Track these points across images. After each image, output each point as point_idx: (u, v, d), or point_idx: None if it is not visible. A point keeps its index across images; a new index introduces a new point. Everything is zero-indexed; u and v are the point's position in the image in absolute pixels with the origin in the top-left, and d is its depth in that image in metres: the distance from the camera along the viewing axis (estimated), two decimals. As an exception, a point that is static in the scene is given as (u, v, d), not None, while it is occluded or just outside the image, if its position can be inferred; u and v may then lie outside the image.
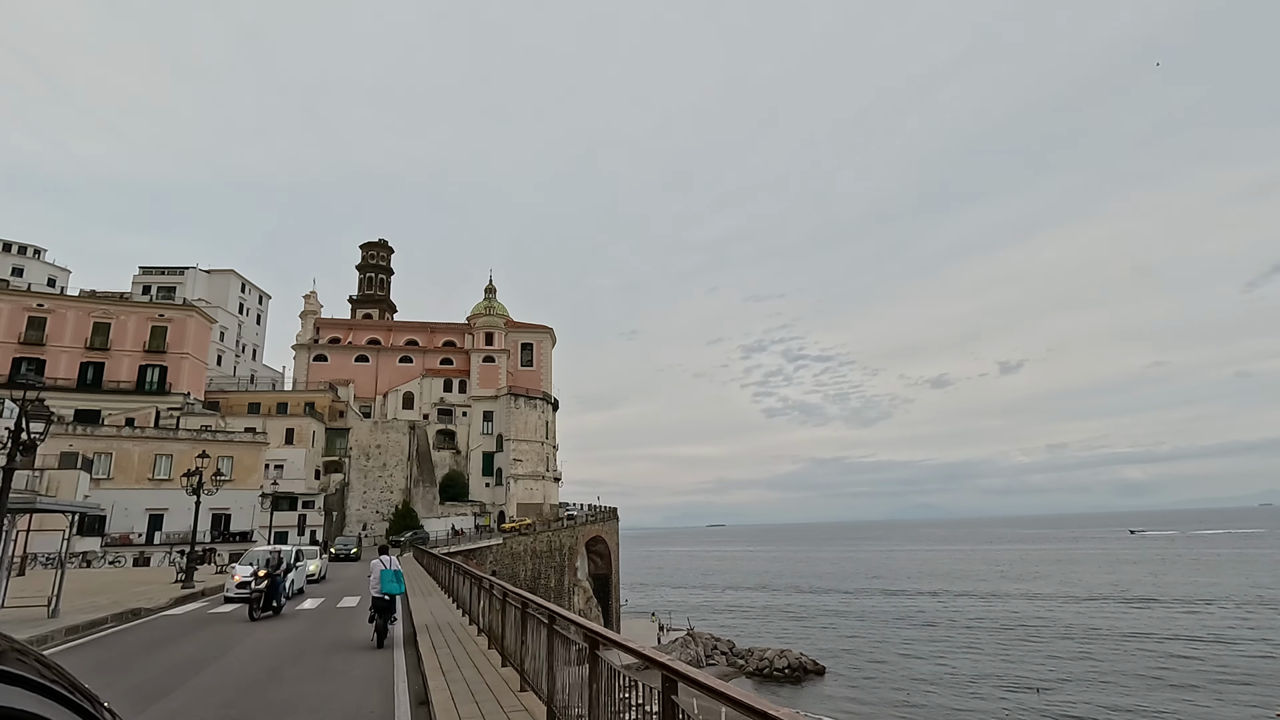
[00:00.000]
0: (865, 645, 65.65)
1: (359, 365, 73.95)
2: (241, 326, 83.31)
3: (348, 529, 62.62)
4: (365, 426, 68.52)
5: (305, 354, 72.87)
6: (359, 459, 67.07)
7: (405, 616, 16.67)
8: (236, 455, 52.21)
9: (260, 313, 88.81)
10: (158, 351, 59.67)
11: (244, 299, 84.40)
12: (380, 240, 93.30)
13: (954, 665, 53.49)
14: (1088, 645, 55.98)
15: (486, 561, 56.75)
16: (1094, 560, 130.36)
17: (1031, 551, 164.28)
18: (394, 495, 66.87)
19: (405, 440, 68.74)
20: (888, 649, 63.44)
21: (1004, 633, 63.11)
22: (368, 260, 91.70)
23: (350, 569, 38.93)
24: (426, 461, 68.29)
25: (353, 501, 65.61)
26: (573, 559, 66.71)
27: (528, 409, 72.87)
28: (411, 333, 79.20)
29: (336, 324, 79.11)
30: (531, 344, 79.66)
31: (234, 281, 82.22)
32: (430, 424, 71.51)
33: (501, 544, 58.27)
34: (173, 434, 51.13)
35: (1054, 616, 69.45)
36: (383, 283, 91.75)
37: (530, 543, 61.62)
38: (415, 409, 72.66)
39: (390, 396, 72.34)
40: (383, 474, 67.25)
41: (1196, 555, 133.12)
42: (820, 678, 58.21)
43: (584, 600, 67.34)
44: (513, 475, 69.39)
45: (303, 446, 60.90)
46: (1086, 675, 48.34)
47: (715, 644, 68.82)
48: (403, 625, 15.35)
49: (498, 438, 71.87)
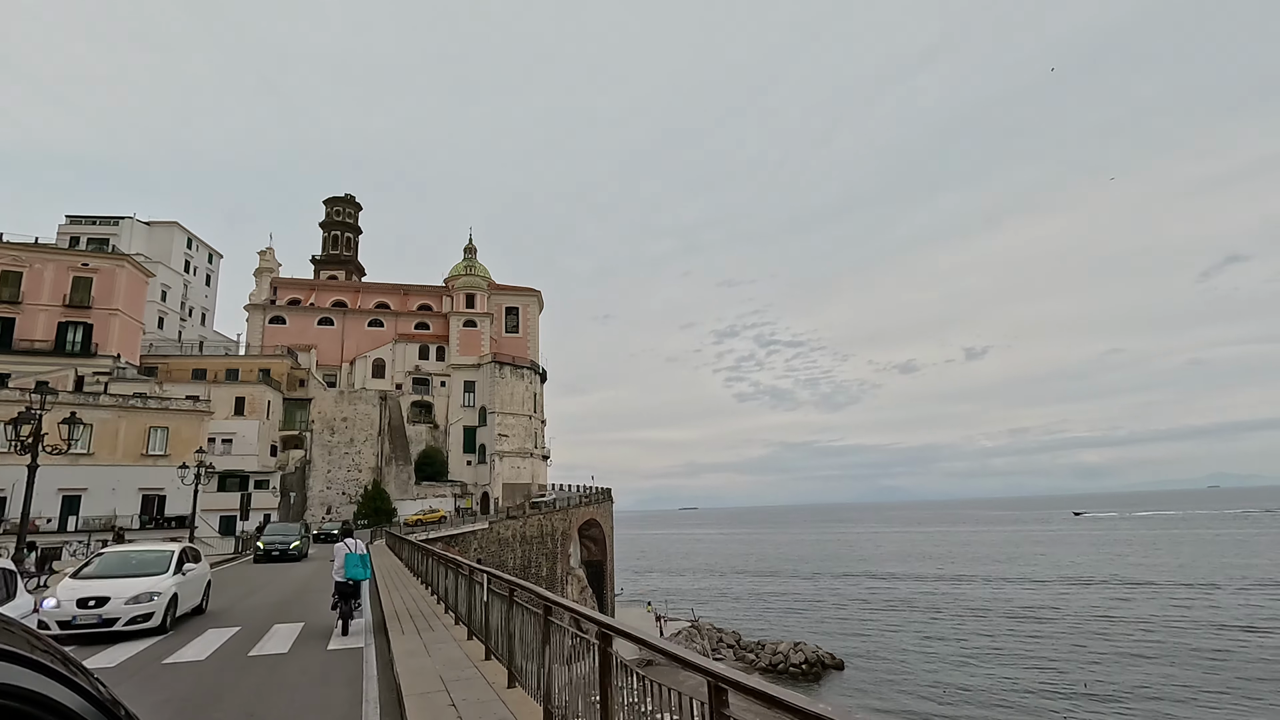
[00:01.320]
0: (877, 635, 61.45)
1: (322, 329, 65.61)
2: (188, 288, 73.99)
3: (309, 512, 54.93)
4: (330, 397, 60.50)
5: (260, 315, 64.28)
6: (322, 433, 59.16)
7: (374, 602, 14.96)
8: (173, 426, 44.09)
9: (210, 273, 79.37)
10: (81, 307, 50.82)
11: (191, 256, 74.95)
12: (347, 195, 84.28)
13: (979, 656, 49.65)
14: (1105, 631, 52.63)
15: (470, 549, 50.04)
16: (1058, 542, 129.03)
17: (1000, 533, 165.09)
18: (362, 474, 59.22)
19: (375, 413, 60.96)
20: (903, 639, 59.32)
21: (1016, 620, 59.29)
22: (333, 217, 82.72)
23: (290, 573, 25.68)
24: (400, 437, 60.62)
25: (315, 481, 57.79)
26: (565, 545, 60.04)
27: (514, 379, 65.52)
28: (382, 295, 70.96)
29: (297, 284, 70.47)
30: (517, 308, 72.07)
31: (178, 236, 72.71)
32: (404, 395, 63.71)
33: (488, 529, 51.49)
34: (93, 400, 42.73)
35: (1057, 603, 65.73)
36: (349, 242, 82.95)
37: (520, 527, 54.89)
38: (387, 378, 64.72)
39: (358, 364, 64.26)
40: (350, 450, 59.48)
41: (1130, 537, 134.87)
42: (840, 673, 53.86)
43: (578, 590, 60.78)
44: (498, 452, 62.16)
45: (255, 418, 52.81)
46: (1120, 662, 45.53)
47: (720, 636, 63.15)
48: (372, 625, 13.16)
49: (480, 410, 64.46)
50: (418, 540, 28.97)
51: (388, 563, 26.08)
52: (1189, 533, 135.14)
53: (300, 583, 22.48)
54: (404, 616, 12.82)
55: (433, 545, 24.75)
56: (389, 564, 25.69)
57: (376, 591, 16.50)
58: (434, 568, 16.40)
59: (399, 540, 31.29)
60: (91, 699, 0.96)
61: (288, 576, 24.68)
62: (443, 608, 13.95)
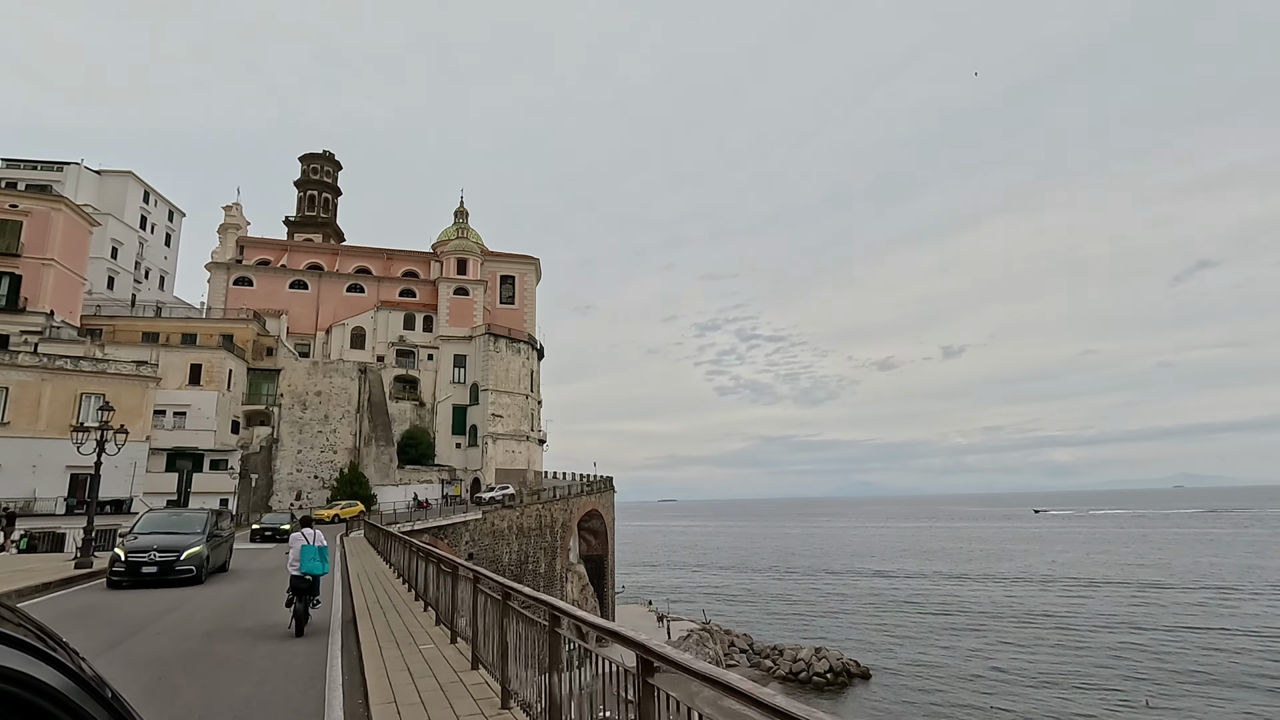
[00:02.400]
0: (896, 639, 57.98)
1: (295, 293, 58.47)
2: (145, 247, 66.17)
3: (275, 497, 48.25)
4: (301, 368, 53.57)
5: (223, 276, 56.99)
6: (292, 409, 52.31)
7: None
8: (111, 393, 37.03)
9: (171, 232, 71.53)
10: (8, 254, 43.56)
11: (148, 212, 67.08)
12: (325, 152, 76.75)
13: (1011, 662, 45.98)
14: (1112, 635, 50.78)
15: (461, 542, 43.97)
16: (1040, 539, 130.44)
17: (984, 529, 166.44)
18: (338, 456, 52.54)
19: (354, 387, 54.22)
20: (925, 643, 55.17)
21: (1035, 623, 55.69)
22: (309, 175, 75.18)
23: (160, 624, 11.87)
24: (381, 414, 53.93)
25: (283, 463, 50.98)
26: (565, 538, 54.01)
27: (510, 353, 59.03)
28: (363, 259, 63.89)
29: (266, 244, 63.17)
30: (513, 276, 65.41)
31: (133, 187, 64.82)
32: (386, 368, 56.90)
33: (481, 520, 45.41)
34: (13, 360, 35.61)
35: (1073, 603, 62.81)
36: (328, 203, 75.52)
37: (516, 518, 48.82)
38: (367, 349, 57.82)
39: (335, 332, 57.27)
40: (324, 428, 52.73)
41: (1088, 534, 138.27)
42: (866, 682, 49.24)
43: (578, 588, 54.82)
44: (491, 434, 55.72)
45: (214, 388, 45.84)
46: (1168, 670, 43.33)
47: (731, 640, 57.67)
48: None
49: (472, 388, 57.92)
50: (400, 532, 23.21)
51: (371, 567, 19.74)
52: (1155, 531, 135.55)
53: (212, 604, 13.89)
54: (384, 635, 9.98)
55: (416, 537, 21.44)
56: (372, 568, 19.34)
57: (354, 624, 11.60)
58: (418, 566, 13.16)
59: (381, 533, 25.16)
60: (74, 676, 0.90)
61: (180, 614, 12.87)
62: (436, 620, 10.88)
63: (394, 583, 15.98)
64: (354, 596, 13.84)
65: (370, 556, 22.93)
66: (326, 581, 14.07)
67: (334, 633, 10.87)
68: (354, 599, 13.50)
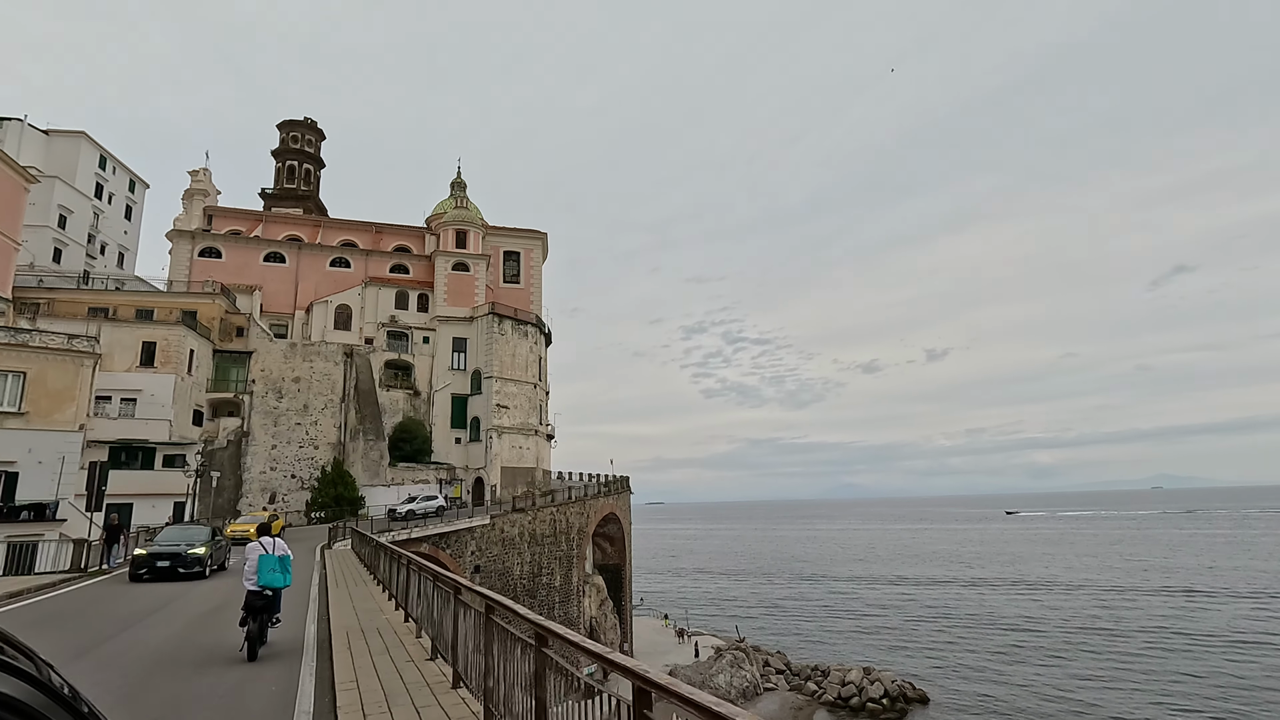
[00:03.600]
0: (936, 653, 53.26)
1: (270, 268, 51.27)
2: (100, 218, 58.53)
3: (244, 499, 41.10)
4: (277, 351, 46.39)
5: (187, 244, 49.66)
6: (266, 397, 45.15)
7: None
8: (35, 372, 29.90)
9: (131, 204, 63.83)
10: (-83, 208, 36.16)
11: (104, 180, 59.45)
12: (306, 119, 69.46)
13: (1073, 682, 41.67)
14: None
15: (467, 553, 37.32)
16: (1043, 541, 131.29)
17: (984, 531, 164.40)
18: (319, 452, 45.47)
19: (338, 373, 47.16)
20: (977, 661, 50.00)
21: (1094, 635, 51.54)
22: (289, 144, 67.87)
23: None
24: (370, 404, 46.86)
25: (254, 459, 43.79)
26: (582, 546, 47.34)
27: (516, 336, 52.18)
28: (349, 232, 56.79)
29: (239, 214, 55.82)
30: (518, 252, 58.56)
31: (87, 150, 57.17)
32: (376, 351, 49.81)
33: (489, 526, 38.78)
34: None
35: (1111, 610, 59.55)
36: (309, 175, 68.21)
37: (529, 524, 42.18)
38: (354, 330, 50.68)
39: (316, 311, 50.07)
40: (303, 420, 45.62)
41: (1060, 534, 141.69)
42: (925, 707, 43.45)
43: (597, 603, 48.12)
44: (496, 428, 48.83)
45: (171, 371, 38.64)
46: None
47: (766, 659, 51.34)
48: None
49: (474, 375, 51.01)
50: (389, 542, 17.75)
51: (366, 604, 12.91)
52: (1200, 533, 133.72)
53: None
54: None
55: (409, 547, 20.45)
56: (366, 604, 12.50)
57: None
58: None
59: (368, 542, 18.63)
60: (41, 687, 0.82)
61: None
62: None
63: (406, 638, 9.32)
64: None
65: (362, 586, 16.10)
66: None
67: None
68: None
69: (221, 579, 19.10)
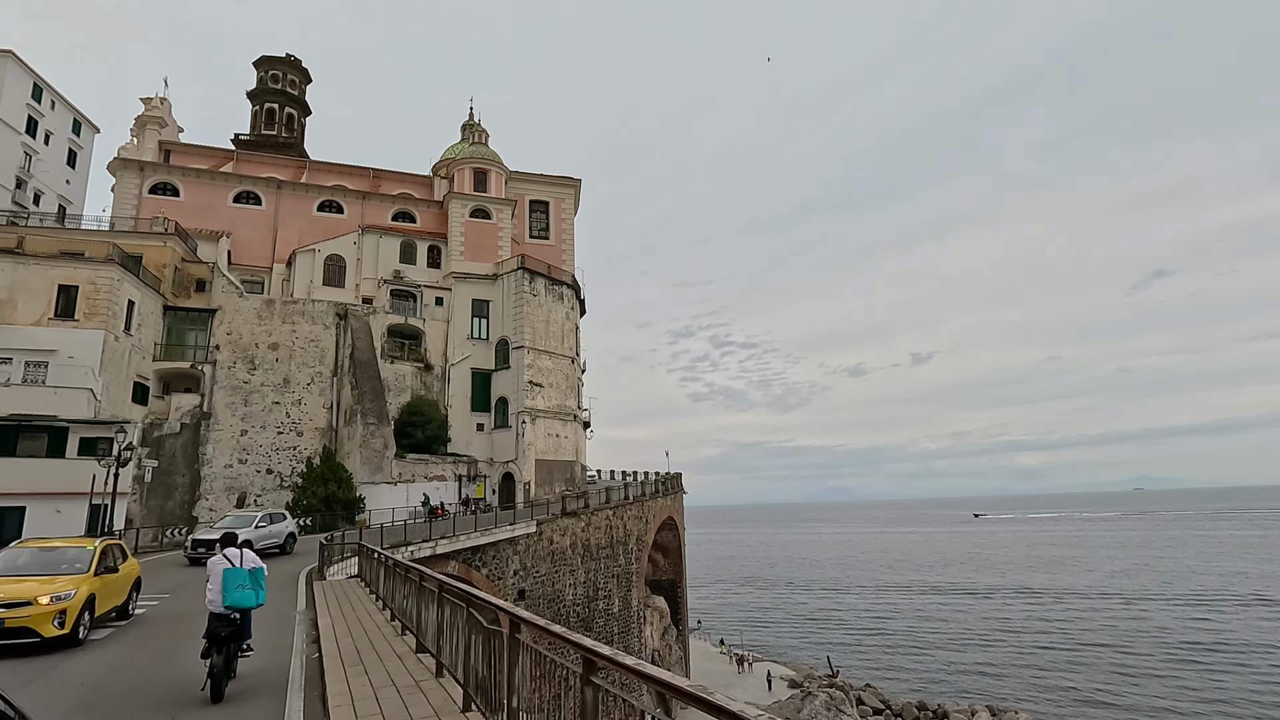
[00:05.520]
0: (1037, 677, 43.31)
1: (242, 210, 40.79)
2: (33, 160, 47.50)
3: (202, 501, 30.57)
4: (249, 310, 35.85)
5: (135, 177, 39.11)
6: (234, 368, 34.63)
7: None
8: None
9: (75, 149, 52.83)
10: None
11: (39, 116, 48.47)
12: (288, 56, 58.94)
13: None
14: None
15: (509, 572, 27.36)
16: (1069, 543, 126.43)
17: (1003, 533, 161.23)
18: (304, 439, 35.00)
19: (328, 338, 36.73)
20: (1083, 685, 41.56)
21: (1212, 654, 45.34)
22: (268, 84, 57.22)
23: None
24: (370, 378, 36.37)
25: (217, 450, 33.21)
26: (642, 559, 37.23)
27: (551, 299, 42.04)
28: (341, 176, 46.38)
29: (204, 152, 45.16)
30: (547, 203, 48.35)
31: (13, 73, 46.18)
32: (377, 312, 39.34)
33: (535, 534, 28.86)
34: None
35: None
36: (291, 121, 57.58)
37: (581, 531, 32.26)
38: (348, 286, 40.25)
39: (300, 262, 39.56)
40: (282, 398, 35.13)
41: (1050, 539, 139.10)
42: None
43: (659, 631, 37.94)
44: (528, 410, 38.56)
45: (99, 326, 28.15)
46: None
47: (859, 697, 41.44)
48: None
49: (498, 345, 40.77)
50: (408, 560, 11.31)
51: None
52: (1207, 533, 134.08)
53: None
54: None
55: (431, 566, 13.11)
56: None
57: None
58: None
59: (374, 558, 9.12)
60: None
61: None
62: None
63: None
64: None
65: (397, 664, 6.01)
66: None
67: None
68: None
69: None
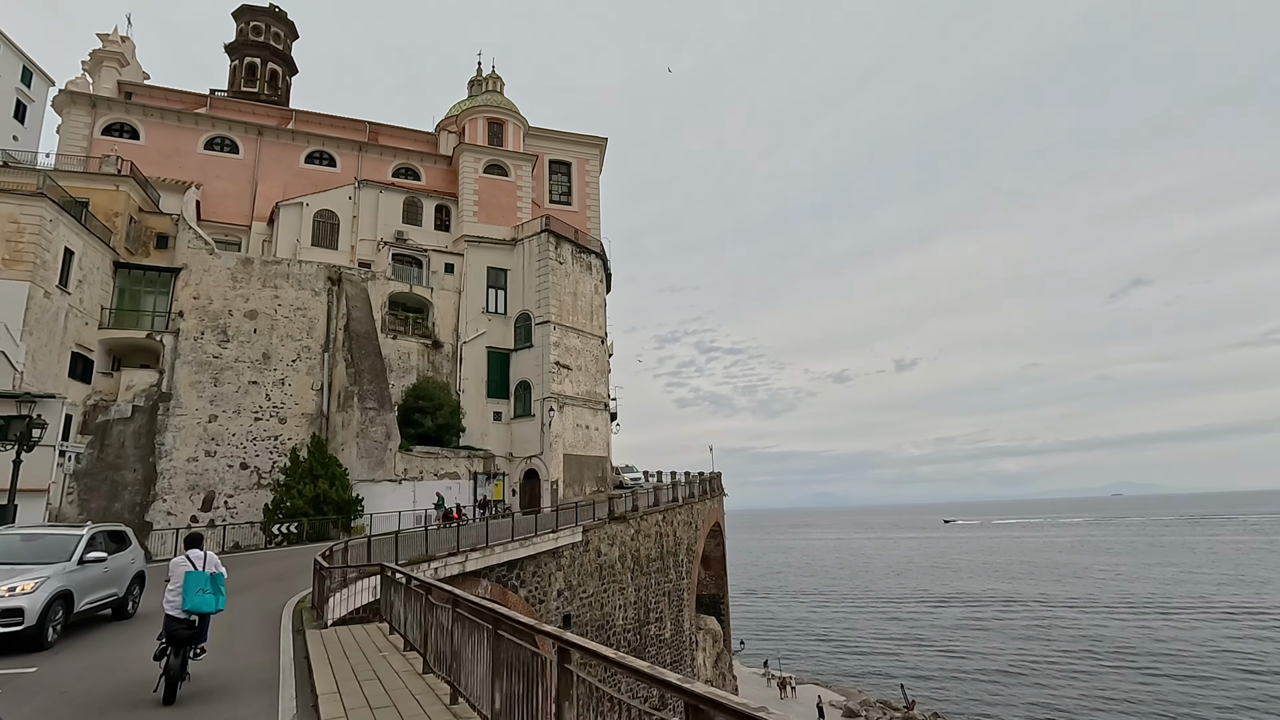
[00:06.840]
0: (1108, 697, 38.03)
1: (216, 158, 34.50)
2: (-28, 109, 41.04)
3: (159, 502, 24.30)
4: (221, 270, 29.53)
5: (85, 114, 32.74)
6: (202, 340, 28.32)
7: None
8: None
9: (25, 102, 45.89)
10: None
11: (-19, 57, 41.93)
12: (271, 6, 52.64)
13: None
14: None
15: (551, 591, 21.23)
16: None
17: (1004, 539, 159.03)
18: (288, 427, 28.74)
19: (318, 306, 30.53)
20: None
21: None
22: (249, 36, 50.79)
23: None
24: (369, 354, 30.15)
25: (179, 438, 26.85)
26: (692, 572, 31.33)
27: (579, 269, 36.12)
28: (333, 129, 40.16)
29: (171, 94, 38.82)
30: (569, 163, 42.44)
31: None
32: (376, 278, 33.09)
33: (580, 544, 22.83)
34: None
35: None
36: (275, 78, 51.11)
37: (630, 539, 26.35)
38: (342, 247, 34.03)
39: (285, 216, 33.27)
40: (261, 378, 28.85)
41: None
42: None
43: (713, 657, 31.97)
44: (555, 396, 32.58)
45: (24, 276, 21.90)
46: None
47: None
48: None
49: (519, 320, 34.78)
50: (430, 579, 8.22)
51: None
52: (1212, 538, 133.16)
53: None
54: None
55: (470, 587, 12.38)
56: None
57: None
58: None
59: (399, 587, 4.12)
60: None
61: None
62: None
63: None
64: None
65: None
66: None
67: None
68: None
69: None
